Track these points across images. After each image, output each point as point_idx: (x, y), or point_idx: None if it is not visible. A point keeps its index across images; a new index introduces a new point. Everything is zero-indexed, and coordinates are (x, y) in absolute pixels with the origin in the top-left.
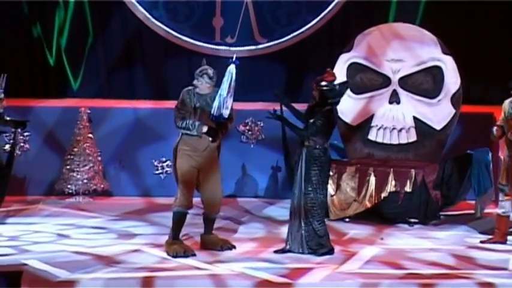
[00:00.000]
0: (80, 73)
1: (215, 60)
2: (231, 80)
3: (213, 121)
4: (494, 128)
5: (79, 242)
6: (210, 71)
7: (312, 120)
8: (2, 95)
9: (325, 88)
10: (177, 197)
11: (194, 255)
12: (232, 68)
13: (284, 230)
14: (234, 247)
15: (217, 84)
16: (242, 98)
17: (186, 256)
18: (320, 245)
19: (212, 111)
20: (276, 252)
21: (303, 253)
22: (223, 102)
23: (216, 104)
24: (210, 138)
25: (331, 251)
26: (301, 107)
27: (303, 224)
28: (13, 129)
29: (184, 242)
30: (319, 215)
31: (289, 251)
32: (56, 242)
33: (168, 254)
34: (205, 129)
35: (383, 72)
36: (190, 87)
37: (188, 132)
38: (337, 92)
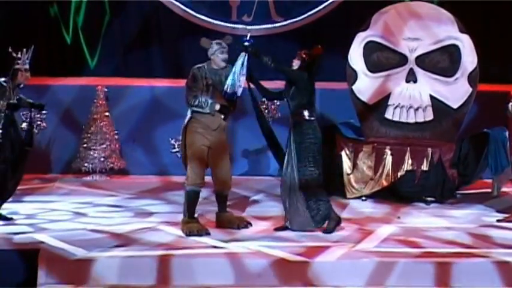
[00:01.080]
0: (96, 51)
1: (233, 38)
2: (243, 59)
3: (225, 98)
4: (510, 104)
5: (96, 220)
6: (224, 43)
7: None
8: (27, 66)
9: (307, 60)
10: (188, 175)
11: (208, 234)
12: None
13: None
14: (251, 224)
15: (231, 61)
16: (258, 76)
17: (199, 235)
18: (326, 218)
19: (225, 88)
20: (276, 229)
21: (306, 230)
22: (237, 79)
23: (229, 81)
24: (222, 116)
25: (339, 222)
26: (318, 85)
27: (300, 204)
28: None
29: (199, 221)
30: (316, 190)
31: (288, 228)
32: (72, 220)
33: (183, 232)
34: (218, 107)
35: (400, 50)
36: (200, 65)
37: (201, 110)
38: (316, 67)
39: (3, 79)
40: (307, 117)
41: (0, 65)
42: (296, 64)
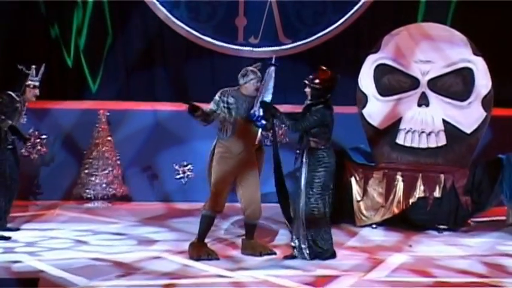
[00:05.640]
0: (98, 74)
1: (238, 61)
2: (266, 82)
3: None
4: None
5: (97, 248)
6: (259, 73)
7: (307, 114)
8: (37, 83)
9: (317, 86)
10: (208, 200)
11: (218, 259)
12: (271, 71)
13: None
14: (275, 253)
15: None
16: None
17: (209, 259)
18: (321, 250)
19: (255, 109)
20: (285, 258)
21: (304, 259)
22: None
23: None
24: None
25: (333, 255)
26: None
27: (301, 232)
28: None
29: (208, 246)
30: (320, 222)
31: (296, 257)
32: (73, 248)
33: (192, 257)
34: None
35: (411, 73)
36: (227, 89)
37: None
38: (329, 89)
39: (15, 93)
40: (322, 146)
41: (2, 84)
42: (309, 93)
